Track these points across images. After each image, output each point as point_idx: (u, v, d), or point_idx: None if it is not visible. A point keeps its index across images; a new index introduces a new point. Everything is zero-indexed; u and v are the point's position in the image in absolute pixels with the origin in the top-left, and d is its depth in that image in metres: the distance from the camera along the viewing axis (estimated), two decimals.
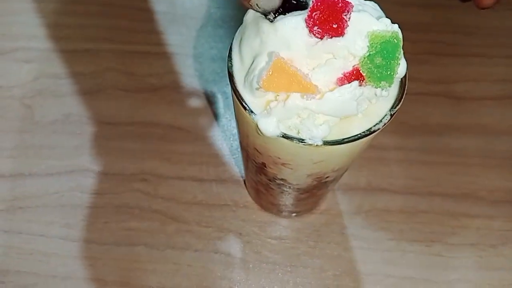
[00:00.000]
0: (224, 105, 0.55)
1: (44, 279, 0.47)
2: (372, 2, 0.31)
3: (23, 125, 0.54)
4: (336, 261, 0.48)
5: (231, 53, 0.32)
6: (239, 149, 0.51)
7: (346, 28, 0.27)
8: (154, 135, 0.53)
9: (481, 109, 0.55)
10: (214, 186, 0.51)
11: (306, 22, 0.28)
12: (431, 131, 0.54)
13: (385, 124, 0.30)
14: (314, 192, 0.42)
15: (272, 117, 0.29)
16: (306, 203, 0.47)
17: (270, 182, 0.40)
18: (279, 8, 0.30)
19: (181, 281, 0.47)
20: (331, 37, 0.27)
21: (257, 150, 0.35)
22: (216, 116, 0.54)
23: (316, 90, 0.28)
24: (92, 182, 0.51)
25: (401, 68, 0.29)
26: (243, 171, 0.51)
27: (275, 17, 0.30)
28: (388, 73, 0.27)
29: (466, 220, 0.49)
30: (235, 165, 0.52)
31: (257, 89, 0.29)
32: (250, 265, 0.47)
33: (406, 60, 0.30)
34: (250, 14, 0.31)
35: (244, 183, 0.51)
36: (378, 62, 0.27)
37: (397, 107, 0.31)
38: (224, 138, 0.53)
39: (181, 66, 0.57)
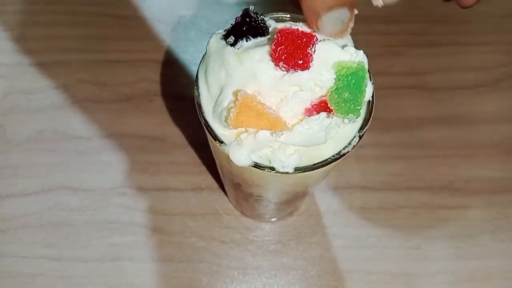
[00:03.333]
0: None
1: None
2: None
3: None
4: (318, 261, 0.49)
5: (197, 82, 0.32)
6: None
7: (311, 61, 0.27)
8: (130, 146, 0.53)
9: (455, 99, 0.55)
10: (194, 195, 0.51)
11: (271, 56, 0.27)
12: (406, 125, 0.54)
13: (354, 146, 0.30)
14: (292, 202, 0.42)
15: (243, 148, 0.29)
16: (286, 209, 0.47)
17: (248, 197, 0.40)
18: (238, 30, 0.30)
19: None
20: (296, 71, 0.27)
21: (232, 173, 0.35)
22: (191, 123, 0.54)
23: (284, 126, 0.28)
24: (70, 199, 0.51)
25: (368, 91, 0.29)
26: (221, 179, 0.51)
27: (235, 41, 0.30)
28: (356, 106, 0.27)
29: (444, 212, 0.50)
30: (214, 173, 0.52)
31: (225, 126, 0.29)
32: (235, 272, 0.48)
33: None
34: (213, 43, 0.30)
35: (224, 190, 0.51)
36: (345, 96, 0.27)
37: (365, 128, 0.31)
38: (200, 146, 0.53)
39: (153, 73, 0.56)
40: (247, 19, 0.30)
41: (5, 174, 0.52)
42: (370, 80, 0.30)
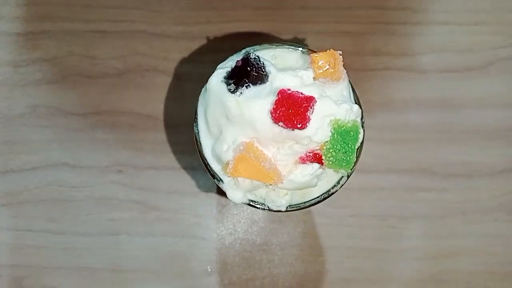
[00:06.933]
0: (193, 87, 0.54)
1: (37, 270, 0.52)
2: None
3: None
4: (302, 237, 0.53)
5: (197, 119, 0.33)
6: None
7: (308, 122, 0.28)
8: (124, 124, 0.54)
9: (444, 82, 0.56)
10: (188, 174, 0.54)
11: (271, 115, 0.28)
12: (393, 107, 0.55)
13: (342, 185, 0.33)
14: None
15: (240, 189, 0.31)
16: None
17: None
18: (238, 76, 0.31)
19: (163, 265, 0.52)
20: (294, 130, 0.28)
21: None
22: (184, 101, 0.54)
23: (279, 179, 0.30)
24: (69, 176, 0.53)
25: (359, 140, 0.31)
26: None
27: (236, 88, 0.30)
28: (348, 164, 0.29)
29: (420, 194, 0.54)
30: None
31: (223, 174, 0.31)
32: (226, 246, 0.53)
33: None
34: (214, 84, 0.31)
35: None
36: (339, 156, 0.29)
37: (353, 168, 0.33)
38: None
39: (145, 46, 0.55)
40: (248, 67, 0.30)
41: (2, 150, 0.53)
42: (362, 127, 0.32)
